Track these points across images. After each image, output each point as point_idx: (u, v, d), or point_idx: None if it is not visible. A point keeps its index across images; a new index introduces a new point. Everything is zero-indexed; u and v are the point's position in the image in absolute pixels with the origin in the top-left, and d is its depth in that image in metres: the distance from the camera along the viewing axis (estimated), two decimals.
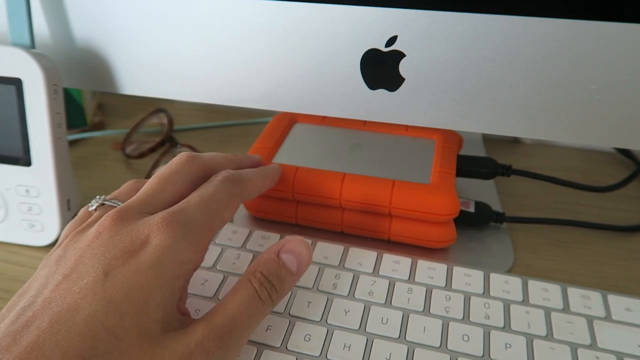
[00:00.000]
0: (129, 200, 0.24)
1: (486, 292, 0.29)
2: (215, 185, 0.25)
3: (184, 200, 0.24)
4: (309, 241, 0.25)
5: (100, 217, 0.24)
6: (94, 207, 0.25)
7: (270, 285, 0.23)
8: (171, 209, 0.23)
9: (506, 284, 0.29)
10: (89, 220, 0.24)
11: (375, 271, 0.30)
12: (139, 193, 0.25)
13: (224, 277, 0.29)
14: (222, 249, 0.31)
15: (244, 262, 0.31)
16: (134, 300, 0.20)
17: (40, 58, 0.32)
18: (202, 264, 0.30)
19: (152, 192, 0.24)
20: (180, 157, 0.27)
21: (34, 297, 0.20)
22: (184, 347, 0.20)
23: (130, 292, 0.20)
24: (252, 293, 0.23)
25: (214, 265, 0.30)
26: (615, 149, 0.47)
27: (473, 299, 0.28)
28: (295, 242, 0.25)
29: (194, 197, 0.24)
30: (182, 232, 0.22)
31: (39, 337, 0.19)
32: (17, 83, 0.32)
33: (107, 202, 0.25)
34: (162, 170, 0.26)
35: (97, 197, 0.25)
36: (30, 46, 0.33)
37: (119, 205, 0.24)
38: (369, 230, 0.34)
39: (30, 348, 0.18)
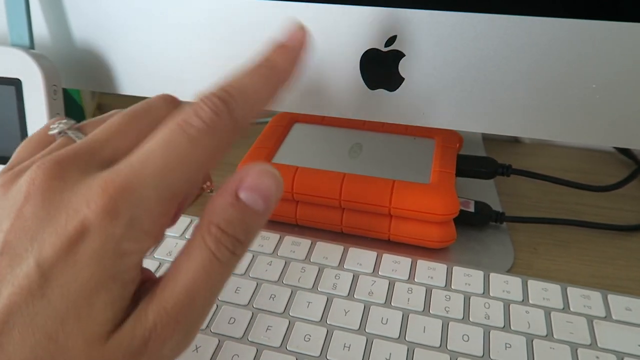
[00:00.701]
0: (77, 145, 0.19)
1: (486, 292, 0.29)
2: (191, 140, 0.17)
3: (138, 157, 0.17)
4: (274, 170, 0.19)
5: (54, 149, 0.19)
6: (55, 131, 0.20)
7: (232, 239, 0.18)
8: (118, 176, 0.17)
9: (506, 284, 0.29)
10: (43, 152, 0.19)
11: (375, 271, 0.30)
12: (94, 133, 0.19)
13: None
14: None
15: (242, 264, 0.31)
16: (75, 304, 0.16)
17: (39, 59, 0.32)
18: None
19: (107, 137, 0.19)
20: (163, 97, 0.21)
21: None
22: (137, 341, 0.17)
23: (70, 292, 0.16)
24: (209, 257, 0.18)
25: None
26: (615, 148, 0.47)
27: (473, 299, 0.28)
28: (256, 174, 0.18)
29: (153, 158, 0.17)
30: (129, 218, 0.17)
31: None
32: (16, 84, 0.32)
33: (70, 133, 0.20)
34: (134, 108, 0.20)
35: (65, 120, 0.21)
36: (30, 47, 0.33)
37: (78, 138, 0.20)
38: (369, 230, 0.34)
39: None
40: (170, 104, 0.21)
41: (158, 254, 0.31)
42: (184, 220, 0.34)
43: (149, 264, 0.31)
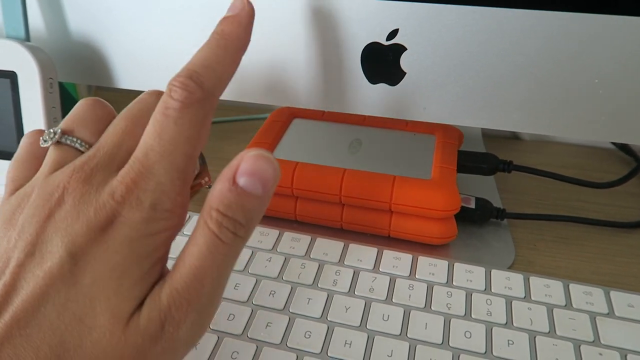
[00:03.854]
0: (93, 153, 0.20)
1: (488, 289, 0.28)
2: (176, 121, 0.20)
3: (141, 151, 0.20)
4: (271, 155, 0.20)
5: (58, 160, 0.21)
6: (48, 144, 0.21)
7: (233, 222, 0.19)
8: (131, 171, 0.19)
9: (508, 281, 0.29)
10: (46, 166, 0.21)
11: (376, 268, 0.30)
12: (104, 140, 0.21)
13: None
14: None
15: (241, 260, 0.30)
16: (105, 283, 0.18)
17: (35, 51, 0.31)
18: None
19: (118, 141, 0.21)
20: (151, 92, 0.23)
21: None
22: (153, 324, 0.18)
23: (102, 275, 0.18)
24: (212, 239, 0.19)
25: None
26: (615, 145, 0.47)
27: (475, 296, 0.28)
28: (253, 158, 0.19)
29: (152, 147, 0.19)
30: (150, 202, 0.19)
31: (7, 331, 0.17)
32: (11, 76, 0.31)
33: (64, 141, 0.21)
34: (130, 109, 0.22)
35: (51, 130, 0.22)
36: (25, 39, 0.33)
37: (78, 145, 0.21)
38: (369, 226, 0.33)
39: (1, 344, 0.17)
40: (159, 97, 0.22)
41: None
42: None
43: None
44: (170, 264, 0.20)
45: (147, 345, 0.18)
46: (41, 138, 0.22)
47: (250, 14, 0.24)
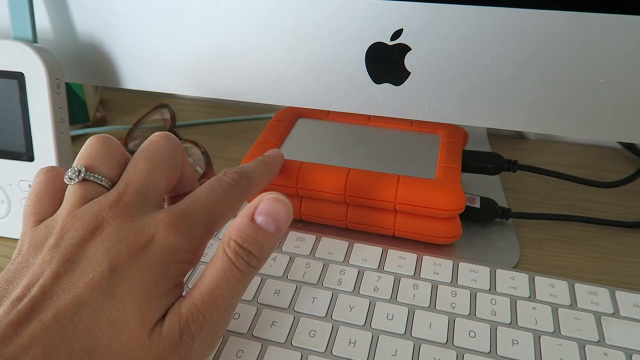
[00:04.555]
0: (122, 190, 0.23)
1: (492, 288, 0.28)
2: (225, 189, 0.25)
3: (191, 199, 0.24)
4: (286, 199, 0.23)
5: (84, 195, 0.23)
6: (75, 181, 0.23)
7: (247, 253, 0.22)
8: (178, 208, 0.23)
9: (513, 280, 0.29)
10: (73, 200, 0.23)
11: (381, 267, 0.30)
12: (130, 178, 0.24)
13: None
14: None
15: None
16: (137, 293, 0.20)
17: (42, 52, 0.32)
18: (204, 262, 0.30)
19: (144, 180, 0.24)
20: (160, 135, 0.26)
21: (28, 286, 0.20)
22: (174, 333, 0.20)
23: (136, 286, 0.20)
24: (228, 265, 0.22)
25: None
26: (621, 144, 0.47)
27: (479, 295, 0.28)
28: (270, 200, 0.23)
29: (201, 199, 0.24)
30: (187, 236, 0.22)
31: (43, 330, 0.18)
32: (19, 77, 0.31)
33: (89, 177, 0.23)
34: (147, 151, 0.25)
35: (74, 168, 0.24)
36: (33, 40, 0.33)
37: (99, 181, 0.23)
38: (374, 225, 0.33)
39: (34, 341, 0.18)
40: (169, 141, 0.26)
41: None
42: None
43: None
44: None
45: (167, 351, 0.20)
46: (66, 175, 0.24)
47: (282, 161, 0.32)
